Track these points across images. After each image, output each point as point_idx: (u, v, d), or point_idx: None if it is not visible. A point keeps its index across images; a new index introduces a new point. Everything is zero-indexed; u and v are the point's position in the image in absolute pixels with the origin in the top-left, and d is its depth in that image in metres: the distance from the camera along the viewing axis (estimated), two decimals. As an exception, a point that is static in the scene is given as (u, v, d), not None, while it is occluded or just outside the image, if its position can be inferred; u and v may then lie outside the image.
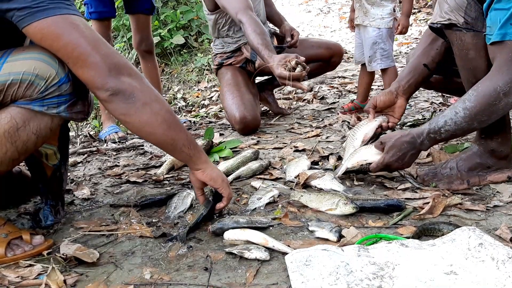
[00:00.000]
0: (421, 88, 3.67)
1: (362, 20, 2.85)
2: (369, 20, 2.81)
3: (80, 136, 3.15)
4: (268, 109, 3.31)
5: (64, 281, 1.20)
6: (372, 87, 3.28)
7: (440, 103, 3.11)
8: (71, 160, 2.34)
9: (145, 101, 1.28)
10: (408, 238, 1.29)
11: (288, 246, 1.31)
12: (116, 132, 2.88)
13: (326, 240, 1.35)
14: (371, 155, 1.72)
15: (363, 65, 3.02)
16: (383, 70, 2.90)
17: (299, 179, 1.81)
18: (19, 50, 1.27)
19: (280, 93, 4.00)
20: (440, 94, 3.35)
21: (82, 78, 1.26)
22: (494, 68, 1.41)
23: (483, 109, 1.43)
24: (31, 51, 1.26)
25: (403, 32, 2.85)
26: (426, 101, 3.26)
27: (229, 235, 1.38)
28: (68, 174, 2.05)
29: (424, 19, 6.51)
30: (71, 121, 2.42)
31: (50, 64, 1.24)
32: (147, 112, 1.28)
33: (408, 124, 2.59)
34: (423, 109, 3.04)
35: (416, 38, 5.93)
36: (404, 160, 1.62)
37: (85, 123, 4.09)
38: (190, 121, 3.36)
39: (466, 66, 1.60)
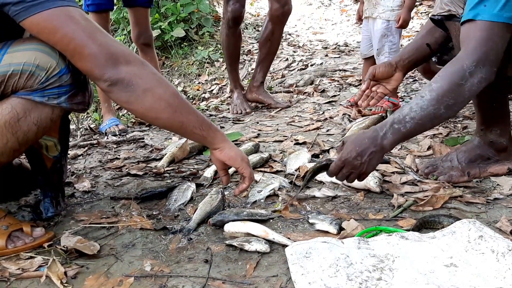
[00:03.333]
0: (420, 81, 3.69)
1: (371, 13, 2.82)
2: (379, 12, 2.77)
3: (81, 129, 3.15)
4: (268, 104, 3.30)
5: (65, 273, 1.21)
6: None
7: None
8: (71, 153, 2.34)
9: (146, 88, 1.26)
10: (408, 230, 1.29)
11: (288, 238, 1.31)
12: (116, 125, 2.88)
13: (326, 232, 1.35)
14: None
15: (366, 59, 3.00)
16: None
17: (299, 172, 1.81)
18: (19, 41, 1.26)
19: (280, 86, 3.99)
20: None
21: (81, 70, 1.25)
22: (462, 48, 1.37)
23: (449, 90, 1.34)
24: (31, 42, 1.25)
25: (404, 26, 2.82)
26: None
27: (229, 227, 1.38)
28: (69, 167, 2.05)
29: (425, 12, 6.47)
30: (71, 114, 2.41)
31: (50, 55, 1.24)
32: (148, 98, 1.27)
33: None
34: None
35: (418, 31, 5.90)
36: (363, 159, 1.37)
37: (85, 116, 4.09)
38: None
39: None
